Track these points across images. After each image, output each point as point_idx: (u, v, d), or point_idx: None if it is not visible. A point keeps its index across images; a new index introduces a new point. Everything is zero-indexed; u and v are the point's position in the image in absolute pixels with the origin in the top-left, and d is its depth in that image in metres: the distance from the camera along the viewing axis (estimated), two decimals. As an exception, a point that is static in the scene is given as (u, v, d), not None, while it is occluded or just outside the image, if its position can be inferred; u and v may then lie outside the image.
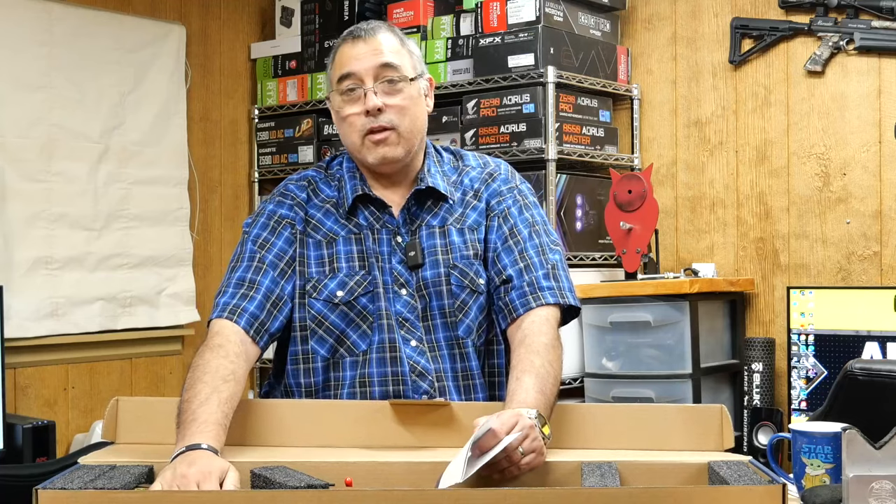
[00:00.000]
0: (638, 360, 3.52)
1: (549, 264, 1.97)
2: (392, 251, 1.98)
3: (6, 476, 2.59)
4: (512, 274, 1.95)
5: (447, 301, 1.96)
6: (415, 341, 1.94)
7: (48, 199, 3.78)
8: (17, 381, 3.74)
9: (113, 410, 1.74)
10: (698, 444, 1.71)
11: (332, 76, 2.00)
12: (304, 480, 1.41)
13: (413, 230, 2.00)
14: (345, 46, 1.99)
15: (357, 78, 1.95)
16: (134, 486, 1.43)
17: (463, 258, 1.98)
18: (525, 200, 2.05)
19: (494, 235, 2.01)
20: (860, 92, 3.61)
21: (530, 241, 1.99)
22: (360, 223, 2.00)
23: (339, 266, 1.96)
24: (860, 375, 1.87)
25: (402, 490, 1.34)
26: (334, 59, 2.01)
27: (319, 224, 2.00)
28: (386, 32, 2.00)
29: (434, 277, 1.97)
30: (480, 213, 2.03)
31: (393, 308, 1.95)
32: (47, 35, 3.80)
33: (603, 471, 1.48)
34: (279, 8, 4.40)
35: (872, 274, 3.59)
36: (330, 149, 4.19)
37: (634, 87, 4.01)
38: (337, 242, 1.98)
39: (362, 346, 1.94)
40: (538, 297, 1.92)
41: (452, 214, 2.02)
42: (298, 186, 2.04)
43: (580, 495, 1.32)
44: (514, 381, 1.77)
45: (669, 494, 1.31)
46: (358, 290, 1.95)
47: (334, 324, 1.95)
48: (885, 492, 1.39)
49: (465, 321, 1.97)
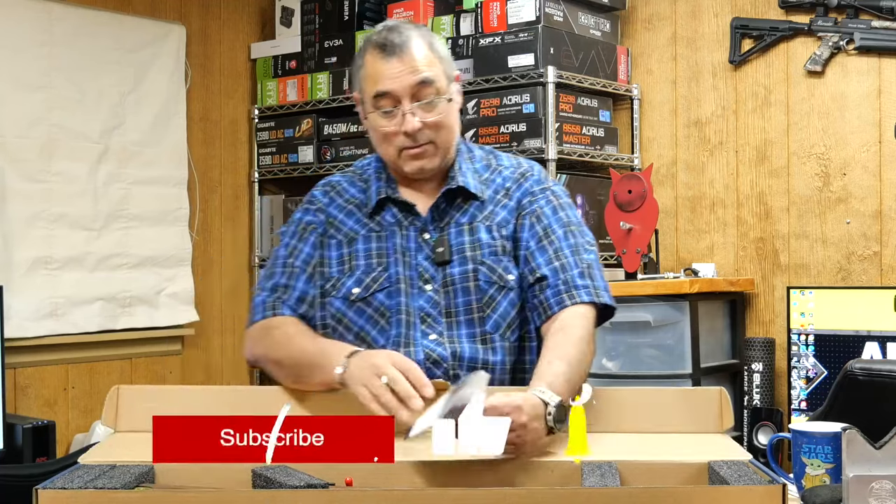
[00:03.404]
0: (638, 360, 3.52)
1: (584, 263, 1.97)
2: (418, 247, 2.00)
3: (6, 476, 2.59)
4: (546, 273, 1.96)
5: (474, 297, 1.97)
6: (434, 335, 1.96)
7: (48, 199, 3.78)
8: (17, 381, 3.74)
9: (113, 398, 1.76)
10: (698, 426, 1.73)
11: (365, 88, 1.99)
12: (304, 480, 1.41)
13: (442, 227, 2.01)
14: (378, 61, 1.96)
15: (394, 98, 1.95)
16: (134, 486, 1.43)
17: (491, 254, 1.99)
18: (559, 201, 2.05)
19: (527, 234, 2.01)
20: (860, 92, 3.61)
21: (565, 240, 1.99)
22: (384, 222, 2.03)
23: (357, 264, 2.00)
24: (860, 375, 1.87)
25: (402, 490, 1.34)
26: (366, 69, 1.99)
27: (341, 224, 2.05)
28: (417, 40, 1.97)
29: (461, 273, 1.98)
30: (510, 211, 2.03)
31: (415, 304, 1.97)
32: (47, 35, 3.80)
33: (603, 471, 1.48)
34: (279, 8, 4.40)
35: (872, 274, 3.59)
36: (330, 149, 4.19)
37: (634, 87, 4.01)
38: (357, 241, 2.02)
39: (381, 342, 1.97)
40: (573, 295, 1.93)
41: (482, 212, 2.03)
42: (322, 192, 2.10)
43: (580, 495, 1.32)
44: (545, 363, 1.80)
45: (669, 494, 1.31)
46: (374, 287, 1.98)
47: (352, 320, 1.99)
48: (885, 492, 1.39)
49: (494, 316, 1.98)
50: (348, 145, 4.13)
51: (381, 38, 1.97)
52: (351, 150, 4.12)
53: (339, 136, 4.18)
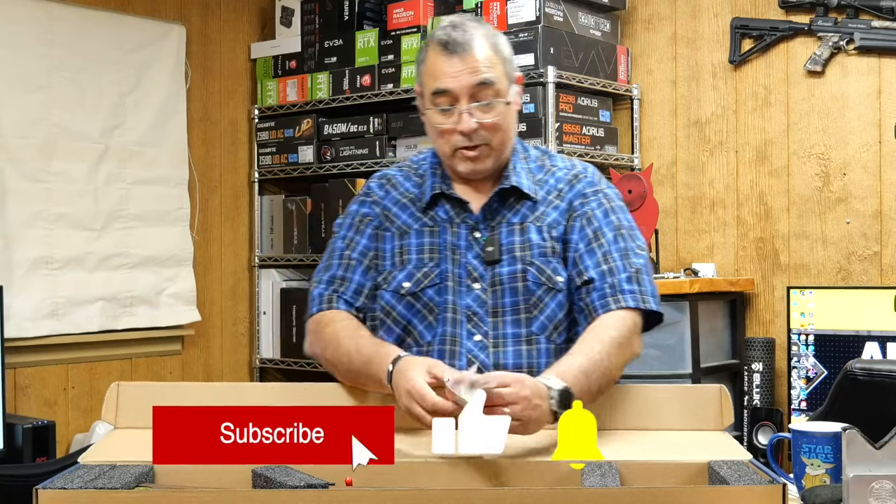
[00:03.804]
0: (638, 359, 3.51)
1: (632, 268, 1.97)
2: (469, 246, 2.01)
3: (6, 476, 2.59)
4: (594, 276, 1.96)
5: (521, 297, 1.98)
6: (479, 336, 1.97)
7: (48, 199, 3.78)
8: (17, 381, 3.74)
9: (113, 395, 1.77)
10: (699, 423, 1.74)
11: (425, 83, 2.01)
12: (304, 480, 1.41)
13: (493, 226, 2.02)
14: (440, 58, 1.97)
15: (452, 97, 1.96)
16: (134, 486, 1.43)
17: (541, 255, 1.99)
18: (611, 204, 2.06)
19: (577, 236, 2.01)
20: (860, 92, 3.61)
21: (615, 244, 1.99)
22: (437, 217, 2.04)
23: (409, 258, 2.02)
24: (860, 375, 1.87)
25: (402, 490, 1.34)
26: (427, 65, 2.00)
27: (395, 217, 2.06)
28: (480, 40, 1.97)
29: (510, 273, 1.99)
30: (562, 212, 2.03)
31: (462, 302, 1.98)
32: (47, 35, 3.80)
33: (603, 471, 1.48)
34: (279, 8, 4.40)
35: (872, 274, 3.59)
36: (330, 149, 4.19)
37: (634, 87, 4.01)
38: (410, 235, 2.04)
39: (427, 337, 1.99)
40: (618, 299, 1.93)
41: (534, 213, 2.03)
42: (377, 184, 2.12)
43: (580, 495, 1.32)
44: (565, 356, 1.82)
45: (669, 494, 1.31)
46: (424, 282, 2.00)
47: (401, 314, 2.00)
48: (885, 492, 1.39)
49: (541, 318, 1.98)
50: (348, 145, 4.13)
51: (445, 35, 1.97)
52: (351, 149, 4.12)
53: (339, 136, 4.18)
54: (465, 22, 2.00)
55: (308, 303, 2.05)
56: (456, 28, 1.97)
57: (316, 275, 2.07)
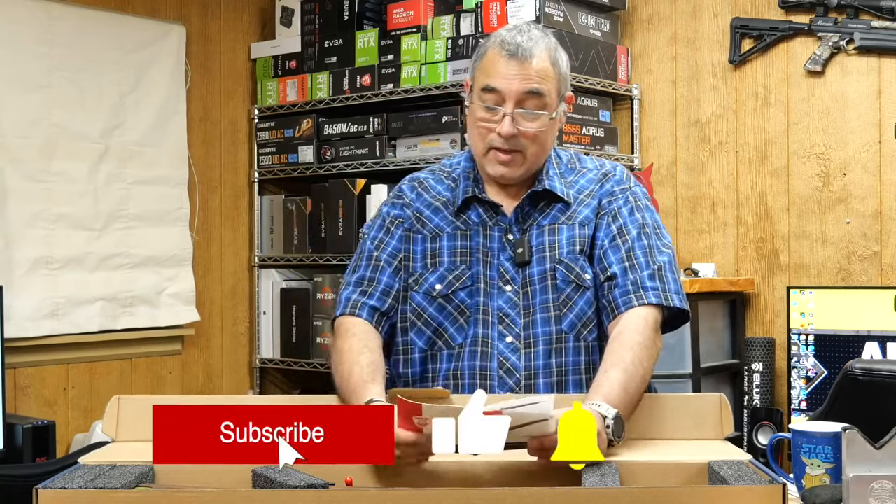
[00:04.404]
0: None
1: (655, 265, 1.97)
2: (502, 248, 2.02)
3: (6, 476, 2.59)
4: (616, 272, 1.97)
5: (551, 296, 1.99)
6: (511, 337, 1.98)
7: (48, 199, 3.78)
8: (17, 381, 3.74)
9: (113, 409, 1.76)
10: (699, 433, 1.74)
11: (477, 77, 2.02)
12: (304, 480, 1.41)
13: (524, 229, 2.03)
14: (498, 57, 1.98)
15: (500, 97, 1.97)
16: (134, 486, 1.43)
17: (569, 253, 2.01)
18: (637, 202, 2.06)
19: (602, 233, 2.02)
20: (860, 92, 3.61)
21: (638, 241, 2.00)
22: (470, 220, 2.05)
23: (441, 261, 2.03)
24: (860, 375, 1.87)
25: (403, 490, 1.34)
26: (484, 60, 2.01)
27: (427, 220, 2.07)
28: (541, 51, 1.98)
29: (540, 273, 2.00)
30: (592, 210, 2.05)
31: (494, 303, 1.99)
32: (47, 35, 3.80)
33: (603, 470, 1.48)
34: (279, 8, 4.40)
35: (872, 274, 3.59)
36: (330, 149, 4.19)
37: (634, 87, 4.01)
38: (442, 238, 2.05)
39: (458, 340, 2.00)
40: (640, 296, 1.94)
41: (564, 214, 2.04)
42: (409, 187, 2.14)
43: (580, 495, 1.32)
44: (601, 373, 1.82)
45: (669, 494, 1.31)
46: (456, 285, 2.01)
47: (432, 316, 2.01)
48: (885, 492, 1.39)
49: (570, 316, 1.99)
50: (348, 145, 4.13)
51: (510, 37, 1.98)
52: (351, 149, 4.12)
53: (339, 136, 4.18)
54: (531, 29, 2.02)
55: (336, 303, 2.08)
56: (522, 33, 1.99)
57: (346, 275, 2.09)
